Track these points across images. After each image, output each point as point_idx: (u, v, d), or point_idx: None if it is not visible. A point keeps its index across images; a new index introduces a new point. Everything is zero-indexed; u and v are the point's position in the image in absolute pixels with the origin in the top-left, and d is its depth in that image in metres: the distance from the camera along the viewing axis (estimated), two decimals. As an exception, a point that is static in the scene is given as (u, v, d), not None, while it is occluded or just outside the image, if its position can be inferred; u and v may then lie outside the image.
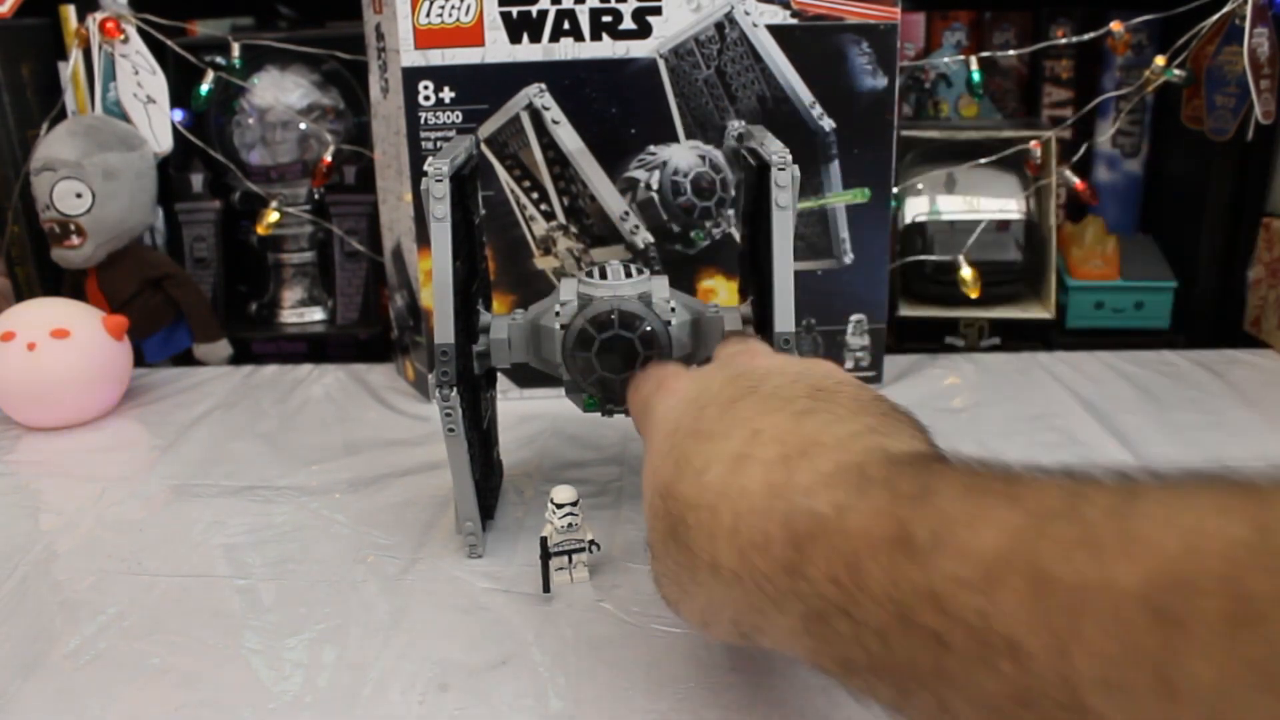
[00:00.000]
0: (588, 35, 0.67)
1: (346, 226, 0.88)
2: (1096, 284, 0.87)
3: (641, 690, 0.42)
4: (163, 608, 0.49)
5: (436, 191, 0.47)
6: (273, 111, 0.85)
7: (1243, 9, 0.76)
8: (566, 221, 0.71)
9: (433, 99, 0.68)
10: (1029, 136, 0.83)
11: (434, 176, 0.47)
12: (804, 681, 0.42)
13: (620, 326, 0.49)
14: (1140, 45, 0.90)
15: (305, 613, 0.48)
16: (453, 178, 0.48)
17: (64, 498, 0.61)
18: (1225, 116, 0.81)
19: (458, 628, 0.47)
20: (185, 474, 0.64)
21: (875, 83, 0.70)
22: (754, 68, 0.69)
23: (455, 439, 0.48)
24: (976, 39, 0.94)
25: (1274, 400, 0.71)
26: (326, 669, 0.44)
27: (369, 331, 0.89)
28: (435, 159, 0.48)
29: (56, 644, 0.46)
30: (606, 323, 0.49)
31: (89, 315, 0.72)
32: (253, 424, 0.71)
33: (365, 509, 0.59)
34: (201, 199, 0.88)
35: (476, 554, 0.53)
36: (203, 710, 0.42)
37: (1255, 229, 0.84)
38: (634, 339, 0.49)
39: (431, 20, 0.66)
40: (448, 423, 0.48)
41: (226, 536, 0.56)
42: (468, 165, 0.54)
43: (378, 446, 0.67)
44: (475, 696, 0.42)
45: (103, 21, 0.79)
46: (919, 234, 0.85)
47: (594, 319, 0.49)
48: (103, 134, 0.78)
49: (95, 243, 0.77)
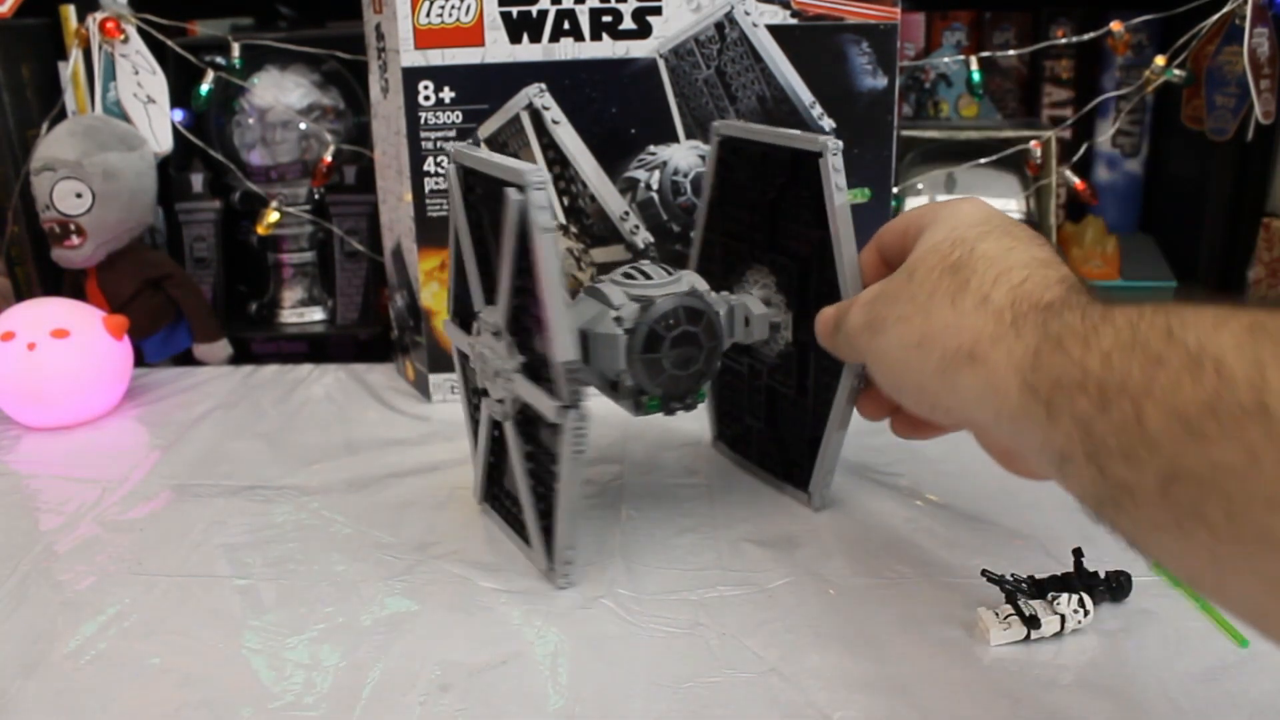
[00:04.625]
0: (588, 35, 0.67)
1: (346, 226, 0.88)
2: (1096, 284, 0.87)
3: (641, 690, 0.42)
4: (163, 608, 0.49)
5: (539, 200, 0.44)
6: (273, 111, 0.85)
7: (1243, 9, 0.76)
8: (566, 221, 0.71)
9: (433, 99, 0.68)
10: (1029, 136, 0.83)
11: (534, 185, 0.43)
12: (804, 682, 0.42)
13: (687, 322, 0.50)
14: (1140, 45, 0.90)
15: (305, 613, 0.48)
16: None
17: (64, 498, 0.61)
18: (1225, 116, 0.81)
19: (458, 628, 0.47)
20: (185, 474, 0.64)
21: (875, 83, 0.70)
22: (754, 68, 0.69)
23: (579, 461, 0.47)
24: (976, 39, 0.94)
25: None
26: (327, 669, 0.44)
27: (369, 331, 0.89)
28: (535, 169, 0.44)
29: (56, 644, 0.46)
30: (675, 321, 0.50)
31: (89, 315, 0.72)
32: (253, 424, 0.71)
33: (365, 509, 0.58)
34: (201, 199, 0.88)
35: (570, 584, 0.50)
36: (203, 710, 0.42)
37: (1255, 229, 0.84)
38: (699, 333, 0.50)
39: (431, 20, 0.66)
40: (577, 444, 0.45)
41: (226, 536, 0.56)
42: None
43: (378, 446, 0.67)
44: (476, 696, 0.42)
45: (103, 21, 0.79)
46: (919, 234, 0.85)
47: (660, 319, 0.49)
48: (103, 134, 0.78)
49: (95, 243, 0.77)
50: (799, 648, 0.45)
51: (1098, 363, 0.32)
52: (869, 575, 0.50)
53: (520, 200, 0.44)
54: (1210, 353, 0.29)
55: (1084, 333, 0.33)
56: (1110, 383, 0.31)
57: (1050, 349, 0.34)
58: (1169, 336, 0.30)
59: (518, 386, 0.48)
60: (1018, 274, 0.39)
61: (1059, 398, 0.33)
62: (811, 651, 0.44)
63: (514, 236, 0.45)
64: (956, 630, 0.45)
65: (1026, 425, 0.35)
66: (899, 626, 0.46)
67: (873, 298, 0.45)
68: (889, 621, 0.46)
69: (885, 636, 0.45)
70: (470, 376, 0.55)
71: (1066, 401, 0.33)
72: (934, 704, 0.41)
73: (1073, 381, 0.33)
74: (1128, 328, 0.32)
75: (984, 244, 0.41)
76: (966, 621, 0.46)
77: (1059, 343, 0.34)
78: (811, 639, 0.45)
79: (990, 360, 0.37)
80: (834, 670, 0.43)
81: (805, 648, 0.45)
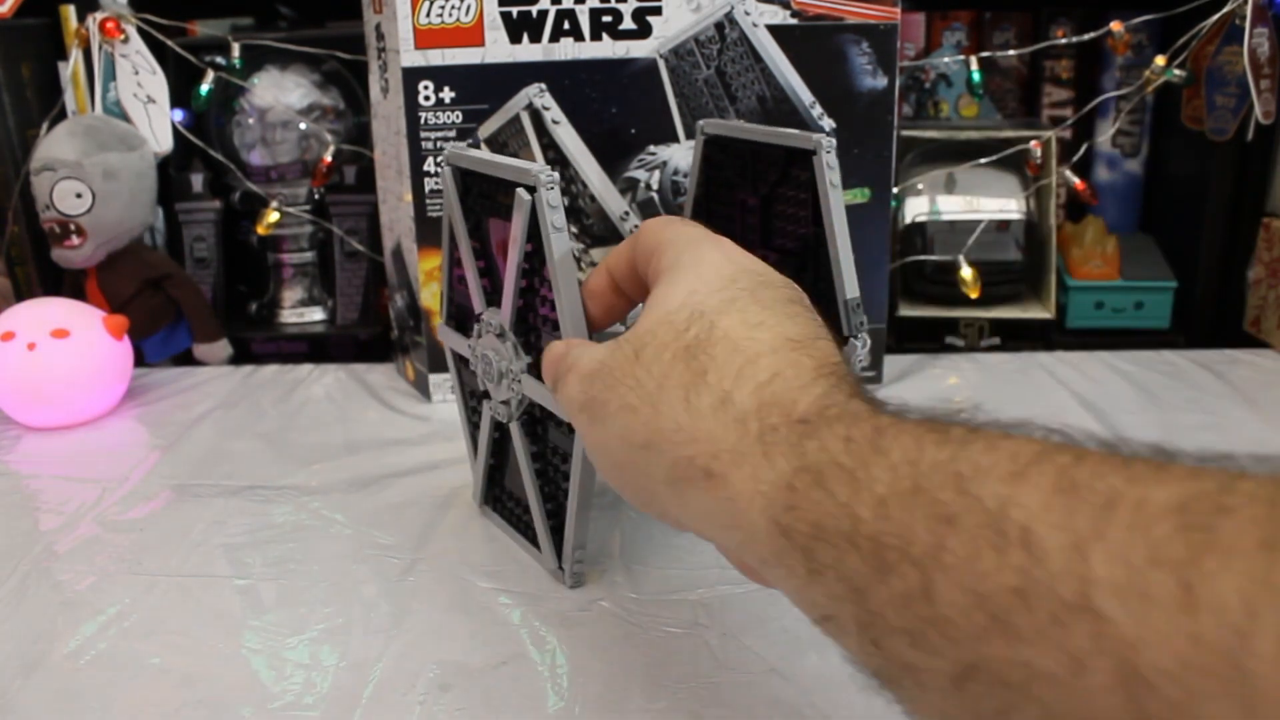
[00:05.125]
0: (588, 35, 0.67)
1: (346, 226, 0.88)
2: (1096, 284, 0.87)
3: (641, 690, 0.42)
4: (163, 608, 0.49)
5: (551, 200, 0.43)
6: (273, 111, 0.85)
7: (1243, 9, 0.76)
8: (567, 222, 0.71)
9: (433, 99, 0.68)
10: (1029, 136, 0.83)
11: (546, 185, 0.43)
12: (804, 682, 0.42)
13: None
14: (1140, 45, 0.90)
15: (305, 613, 0.48)
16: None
17: (64, 498, 0.61)
18: (1225, 116, 0.81)
19: (458, 628, 0.47)
20: (185, 474, 0.64)
21: (875, 83, 0.70)
22: (754, 68, 0.69)
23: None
24: (976, 39, 0.94)
25: (1274, 400, 0.71)
26: (327, 669, 0.44)
27: (369, 331, 0.89)
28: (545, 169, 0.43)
29: (56, 644, 0.46)
30: None
31: (89, 315, 0.72)
32: (253, 424, 0.71)
33: (365, 509, 0.59)
34: (201, 199, 0.88)
35: (580, 583, 0.50)
36: (203, 710, 0.42)
37: (1255, 229, 0.84)
38: None
39: (431, 20, 0.66)
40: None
41: (226, 536, 0.56)
42: None
43: (378, 446, 0.67)
44: (476, 697, 0.42)
45: (103, 21, 0.79)
46: (919, 234, 0.85)
47: None
48: (103, 134, 0.78)
49: (95, 243, 0.77)
50: (799, 648, 0.45)
51: (870, 512, 0.26)
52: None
53: (532, 200, 0.44)
54: (1014, 518, 0.23)
55: (851, 467, 0.28)
56: (889, 542, 0.26)
57: (808, 484, 0.28)
58: (960, 487, 0.25)
59: (526, 387, 0.48)
60: (765, 366, 0.32)
61: (821, 550, 0.27)
62: (811, 651, 0.44)
63: (523, 237, 0.45)
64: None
65: (778, 570, 0.30)
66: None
67: (592, 371, 0.37)
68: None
69: (885, 636, 0.45)
70: (468, 380, 0.55)
71: (832, 556, 0.27)
72: (934, 704, 0.41)
73: (839, 532, 0.27)
74: (907, 466, 0.26)
75: (726, 319, 0.34)
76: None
77: (819, 478, 0.28)
78: (812, 639, 0.45)
79: (731, 481, 0.31)
80: (834, 670, 0.43)
81: (805, 648, 0.45)
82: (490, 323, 0.50)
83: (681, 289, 0.36)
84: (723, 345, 0.33)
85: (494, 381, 0.51)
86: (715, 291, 0.35)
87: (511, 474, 0.53)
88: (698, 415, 0.32)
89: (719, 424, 0.32)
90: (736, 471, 0.31)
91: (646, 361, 0.35)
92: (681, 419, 0.33)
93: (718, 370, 0.33)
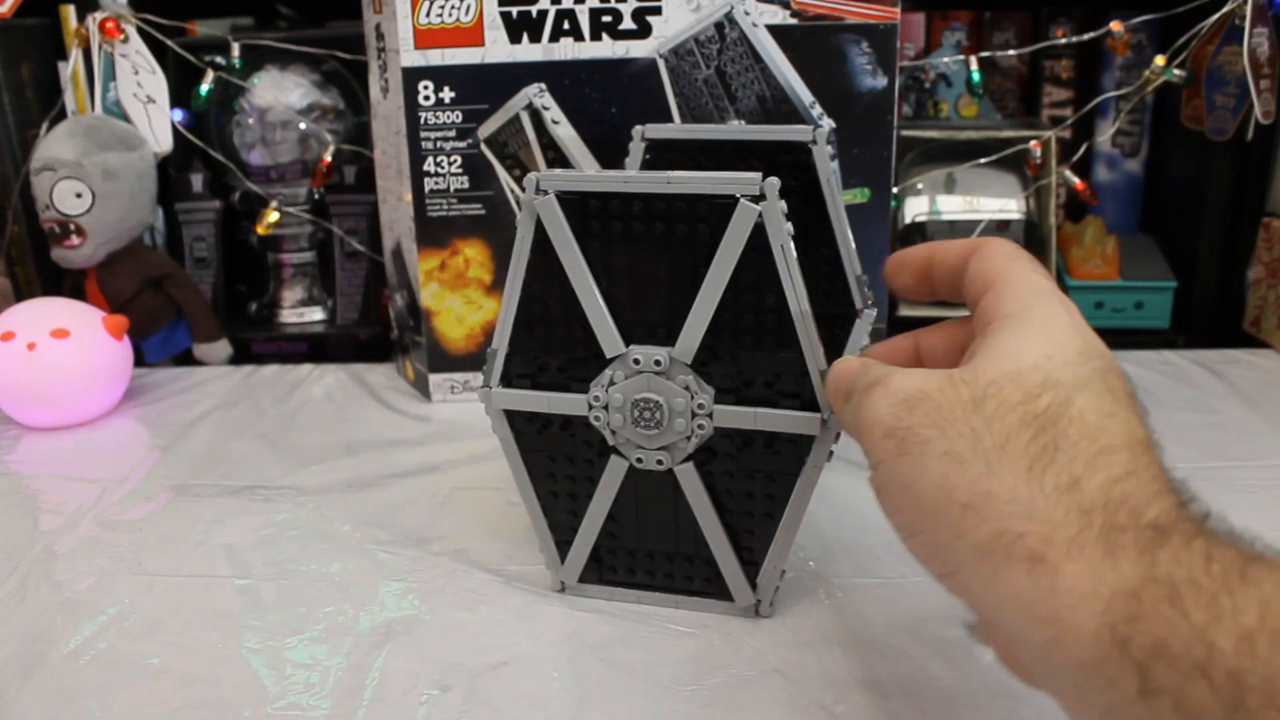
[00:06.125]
0: (588, 35, 0.67)
1: (346, 226, 0.88)
2: (1096, 284, 0.87)
3: (641, 690, 0.42)
4: (163, 608, 0.49)
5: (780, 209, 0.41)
6: (273, 111, 0.85)
7: (1243, 9, 0.76)
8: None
9: (433, 99, 0.68)
10: (1029, 136, 0.83)
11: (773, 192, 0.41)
12: (804, 682, 0.42)
13: None
14: (1140, 45, 0.90)
15: (305, 613, 0.48)
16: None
17: (64, 498, 0.61)
18: (1225, 116, 0.81)
19: (459, 628, 0.47)
20: (185, 474, 0.64)
21: (875, 83, 0.70)
22: (754, 68, 0.69)
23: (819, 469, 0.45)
24: (976, 39, 0.94)
25: (1274, 400, 0.71)
26: (327, 669, 0.44)
27: (369, 331, 0.89)
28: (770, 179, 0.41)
29: (56, 644, 0.46)
30: None
31: (89, 315, 0.72)
32: (253, 424, 0.71)
33: (365, 509, 0.59)
34: (201, 199, 0.88)
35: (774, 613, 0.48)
36: (203, 710, 0.42)
37: (1255, 229, 0.84)
38: None
39: (431, 20, 0.66)
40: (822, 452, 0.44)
41: (226, 536, 0.56)
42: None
43: (378, 446, 0.67)
44: (477, 697, 0.42)
45: (103, 21, 0.79)
46: (919, 234, 0.85)
47: None
48: (103, 134, 0.78)
49: (95, 243, 0.77)
50: (799, 648, 0.45)
51: (1232, 645, 0.24)
52: (869, 575, 0.50)
53: (758, 210, 0.41)
54: None
55: (1213, 590, 0.25)
56: (1251, 682, 0.23)
57: (1158, 597, 0.26)
58: None
59: (720, 418, 0.44)
60: (1120, 462, 0.30)
61: (1162, 672, 0.25)
62: (812, 651, 0.44)
63: (738, 250, 0.41)
64: (956, 630, 0.45)
65: (1095, 680, 0.27)
66: (899, 626, 0.46)
67: (910, 398, 0.33)
68: (889, 621, 0.46)
69: (885, 636, 0.45)
70: (561, 441, 0.47)
71: (1174, 681, 0.25)
72: (934, 704, 0.41)
73: (1190, 660, 0.25)
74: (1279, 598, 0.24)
75: (1082, 398, 0.31)
76: (967, 621, 0.46)
77: (1173, 594, 0.26)
78: (812, 639, 0.45)
79: (1063, 573, 0.28)
80: (834, 670, 0.43)
81: (806, 648, 0.45)
82: (648, 359, 0.44)
83: (1035, 349, 0.33)
84: (1076, 426, 0.31)
85: (656, 426, 0.45)
86: (1070, 364, 0.32)
87: (650, 528, 0.48)
88: (1039, 492, 0.30)
89: (1061, 508, 0.29)
90: (1070, 564, 0.28)
91: (987, 415, 0.31)
92: (1020, 491, 0.30)
93: (1071, 450, 0.30)
